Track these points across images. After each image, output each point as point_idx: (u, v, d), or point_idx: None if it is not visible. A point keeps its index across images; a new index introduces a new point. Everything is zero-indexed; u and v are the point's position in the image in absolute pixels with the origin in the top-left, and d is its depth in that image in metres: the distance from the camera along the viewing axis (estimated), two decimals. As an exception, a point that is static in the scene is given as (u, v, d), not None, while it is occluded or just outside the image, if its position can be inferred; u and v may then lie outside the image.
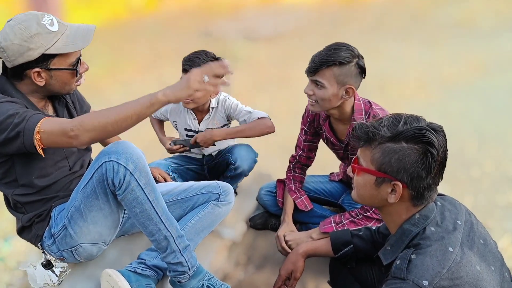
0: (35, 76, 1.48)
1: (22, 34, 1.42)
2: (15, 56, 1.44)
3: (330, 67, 1.74)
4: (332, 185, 2.27)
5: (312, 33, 6.39)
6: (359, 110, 1.86)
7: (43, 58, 1.46)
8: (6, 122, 1.38)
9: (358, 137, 1.24)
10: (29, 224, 1.61)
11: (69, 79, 1.55)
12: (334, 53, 1.74)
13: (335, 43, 1.79)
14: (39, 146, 1.38)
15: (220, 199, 1.84)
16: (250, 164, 2.16)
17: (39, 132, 1.36)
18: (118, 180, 1.40)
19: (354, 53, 1.77)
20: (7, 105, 1.42)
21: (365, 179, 1.24)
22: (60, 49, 1.47)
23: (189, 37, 6.91)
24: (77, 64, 1.54)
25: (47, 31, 1.44)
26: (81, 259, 1.62)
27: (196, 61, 2.03)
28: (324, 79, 1.77)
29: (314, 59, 1.78)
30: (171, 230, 1.51)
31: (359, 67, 1.77)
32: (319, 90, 1.79)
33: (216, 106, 2.20)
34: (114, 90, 5.29)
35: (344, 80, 1.76)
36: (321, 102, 1.81)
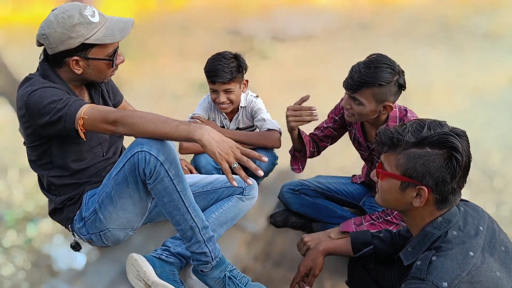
0: (73, 64, 1.54)
1: (64, 23, 1.48)
2: (56, 44, 1.50)
3: (370, 87, 1.71)
4: (354, 187, 2.29)
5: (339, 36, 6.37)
6: (393, 118, 1.86)
7: (82, 47, 1.52)
8: (49, 106, 1.44)
9: (382, 143, 1.26)
10: (61, 207, 1.68)
11: (105, 69, 1.61)
12: (375, 74, 1.69)
13: (376, 58, 1.73)
14: (81, 130, 1.44)
15: (244, 193, 1.88)
16: (269, 166, 2.21)
17: (82, 118, 1.42)
18: (149, 170, 1.45)
19: (395, 71, 1.71)
20: (52, 90, 1.49)
21: (390, 184, 1.26)
22: (99, 39, 1.52)
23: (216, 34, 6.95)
24: (114, 55, 1.59)
25: (88, 21, 1.50)
26: (109, 243, 1.68)
27: (220, 70, 2.06)
28: (363, 98, 1.74)
29: (353, 76, 1.73)
30: (197, 220, 1.55)
31: (399, 84, 1.74)
32: (357, 106, 1.78)
33: (245, 106, 2.26)
34: (141, 83, 5.36)
35: (383, 99, 1.74)
36: (358, 116, 1.81)
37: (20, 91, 1.53)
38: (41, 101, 1.45)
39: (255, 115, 2.27)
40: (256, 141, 2.17)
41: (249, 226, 2.06)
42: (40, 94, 1.47)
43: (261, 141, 2.18)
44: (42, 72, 1.58)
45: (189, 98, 5.07)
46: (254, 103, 2.26)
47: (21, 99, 1.49)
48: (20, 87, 1.54)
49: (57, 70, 1.59)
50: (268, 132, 2.20)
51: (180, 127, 1.39)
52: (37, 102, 1.46)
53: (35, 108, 1.46)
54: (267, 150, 2.23)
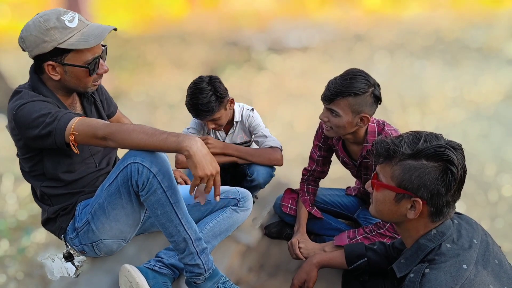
0: (49, 69, 1.52)
1: (40, 27, 1.47)
2: (32, 47, 1.49)
3: (345, 97, 1.74)
4: (349, 199, 2.29)
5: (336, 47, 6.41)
6: (372, 132, 1.88)
7: (56, 52, 1.49)
8: (38, 120, 1.44)
9: (378, 154, 1.27)
10: (54, 216, 1.67)
11: (84, 77, 1.56)
12: (350, 84, 1.73)
13: (351, 71, 1.78)
14: (73, 145, 1.44)
15: (239, 205, 1.88)
16: (266, 178, 2.20)
17: (73, 134, 1.42)
18: (142, 181, 1.45)
19: (370, 82, 1.75)
20: (40, 103, 1.48)
21: (385, 195, 1.26)
22: (72, 44, 1.49)
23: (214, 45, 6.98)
24: (92, 63, 1.55)
25: (64, 26, 1.48)
26: (101, 254, 1.67)
27: (199, 108, 2.03)
28: (339, 109, 1.77)
29: (330, 87, 1.77)
30: (190, 232, 1.55)
31: (375, 96, 1.77)
32: (334, 118, 1.80)
33: (241, 120, 2.25)
34: (137, 93, 5.37)
35: (359, 109, 1.76)
36: (336, 128, 1.83)
37: (10, 104, 1.52)
38: (30, 115, 1.44)
39: (254, 131, 2.26)
40: (259, 158, 2.17)
41: (244, 237, 2.05)
42: (28, 108, 1.46)
43: (265, 159, 2.18)
44: (32, 83, 1.57)
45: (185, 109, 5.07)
46: (252, 118, 2.25)
47: (11, 113, 1.49)
48: (10, 101, 1.54)
49: (43, 78, 1.57)
50: (271, 150, 2.19)
51: (169, 139, 1.39)
52: (26, 116, 1.45)
53: (24, 122, 1.45)
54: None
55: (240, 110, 2.26)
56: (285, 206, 2.19)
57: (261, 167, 2.18)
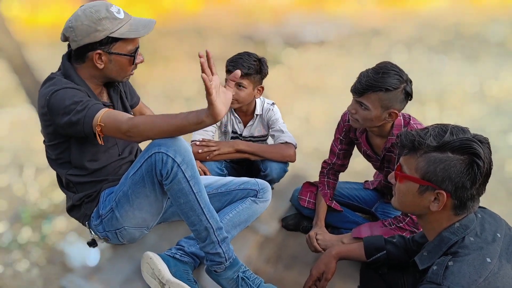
0: (96, 58, 1.58)
1: (91, 16, 1.53)
2: (82, 36, 1.54)
3: (376, 92, 1.73)
4: (366, 192, 2.29)
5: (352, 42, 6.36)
6: (398, 126, 1.87)
7: (106, 41, 1.56)
8: (70, 107, 1.47)
9: (403, 145, 1.27)
10: (78, 203, 1.70)
11: (126, 66, 1.63)
12: (382, 78, 1.72)
13: (385, 65, 1.76)
14: (99, 136, 1.47)
15: (258, 196, 1.89)
16: (280, 173, 2.21)
17: (99, 125, 1.45)
18: (166, 171, 1.47)
19: (403, 78, 1.74)
20: (73, 91, 1.52)
21: (408, 187, 1.26)
22: (124, 34, 1.56)
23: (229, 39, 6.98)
24: (135, 52, 1.63)
25: (114, 17, 1.55)
26: (124, 241, 1.70)
27: (240, 62, 2.09)
28: (369, 103, 1.76)
29: (361, 80, 1.76)
30: (212, 222, 1.56)
31: (406, 92, 1.76)
32: (362, 111, 1.79)
33: (261, 114, 2.26)
34: (154, 85, 5.41)
35: (388, 105, 1.75)
36: (363, 121, 1.83)
37: (42, 90, 1.56)
38: (63, 101, 1.48)
39: (272, 125, 2.26)
40: (272, 154, 2.18)
41: (262, 228, 2.07)
42: (62, 94, 1.50)
43: (277, 155, 2.19)
44: (64, 71, 1.61)
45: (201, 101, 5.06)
46: (271, 112, 2.26)
47: (43, 98, 1.53)
48: (43, 86, 1.57)
49: (78, 67, 1.62)
50: (284, 146, 2.20)
51: (189, 116, 1.41)
52: (59, 102, 1.49)
53: (56, 107, 1.49)
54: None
55: (261, 103, 2.28)
56: (303, 200, 2.20)
57: (274, 163, 2.19)
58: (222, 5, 9.19)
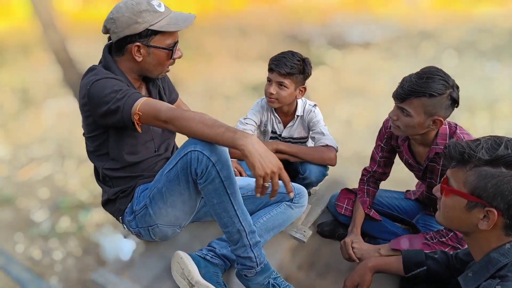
0: (135, 51, 1.58)
1: (133, 8, 1.53)
2: (123, 27, 1.54)
3: (419, 97, 1.64)
4: (408, 203, 2.20)
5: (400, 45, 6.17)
6: (443, 135, 1.77)
7: (146, 33, 1.56)
8: (110, 95, 1.48)
9: (451, 157, 1.19)
10: (113, 198, 1.71)
11: (164, 60, 1.63)
12: (426, 83, 1.63)
13: (429, 69, 1.67)
14: (137, 124, 1.47)
15: (294, 201, 1.85)
16: (319, 176, 2.15)
17: (138, 113, 1.45)
18: (201, 169, 1.45)
19: (448, 83, 1.64)
20: (113, 81, 1.53)
21: (455, 202, 1.18)
22: (163, 27, 1.56)
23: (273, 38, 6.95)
24: (173, 46, 1.62)
25: (154, 9, 1.55)
26: (156, 239, 1.70)
27: (283, 61, 2.05)
28: (411, 109, 1.68)
29: (404, 85, 1.67)
30: (245, 224, 1.53)
31: (452, 98, 1.66)
32: (404, 117, 1.71)
33: (302, 115, 2.21)
34: (195, 82, 5.44)
35: (432, 111, 1.66)
36: (405, 128, 1.74)
37: (83, 80, 1.58)
38: (103, 90, 1.49)
39: (313, 127, 2.21)
40: (312, 157, 2.13)
41: (296, 234, 2.02)
42: (102, 83, 1.51)
43: (318, 158, 2.13)
44: (105, 63, 1.63)
45: (241, 100, 5.08)
46: (313, 114, 2.20)
47: (84, 88, 1.54)
48: (84, 77, 1.59)
49: (118, 60, 1.63)
50: (325, 149, 2.14)
51: (226, 134, 1.37)
52: (99, 91, 1.50)
53: (96, 96, 1.50)
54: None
55: (303, 105, 2.22)
56: (340, 206, 2.13)
57: (313, 166, 2.13)
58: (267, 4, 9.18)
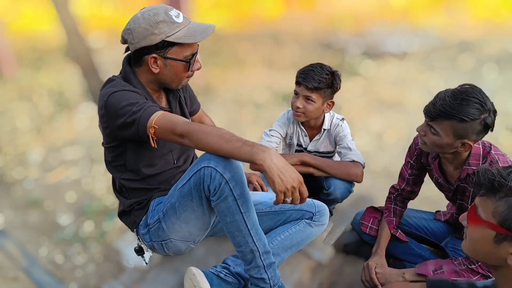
0: (151, 62, 1.55)
1: (149, 19, 1.51)
2: (139, 39, 1.52)
3: (450, 119, 1.55)
4: (437, 224, 2.09)
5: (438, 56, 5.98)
6: (476, 155, 1.67)
7: (162, 45, 1.53)
8: (126, 108, 1.46)
9: (480, 184, 1.10)
10: (129, 210, 1.69)
11: (181, 72, 1.60)
12: (460, 106, 1.53)
13: (466, 90, 1.56)
14: (152, 138, 1.44)
15: (314, 218, 1.78)
16: (344, 193, 2.06)
17: (153, 127, 1.42)
18: (214, 186, 1.41)
19: (484, 108, 1.53)
20: (130, 93, 1.51)
21: (483, 233, 1.09)
22: (180, 38, 1.53)
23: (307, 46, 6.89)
24: (191, 58, 1.59)
25: (172, 20, 1.52)
26: (170, 253, 1.67)
27: (311, 74, 1.98)
28: (440, 129, 1.59)
29: (436, 103, 1.58)
30: (259, 244, 1.49)
31: (485, 124, 1.55)
32: (432, 135, 1.62)
33: (328, 128, 2.14)
34: (227, 89, 5.46)
35: (462, 135, 1.57)
36: (431, 145, 1.65)
37: (102, 91, 1.57)
38: (119, 103, 1.47)
39: (339, 141, 2.14)
40: (338, 171, 2.04)
41: (315, 253, 1.95)
42: (119, 95, 1.49)
43: (343, 173, 2.04)
44: (124, 75, 1.62)
45: (271, 109, 5.06)
46: (340, 128, 2.13)
47: (102, 99, 1.53)
48: (103, 88, 1.58)
49: (137, 71, 1.61)
50: (352, 164, 2.06)
51: (243, 149, 1.33)
52: (116, 103, 1.48)
53: (113, 108, 1.49)
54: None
55: (330, 118, 2.15)
56: (365, 225, 2.04)
57: (339, 181, 2.05)
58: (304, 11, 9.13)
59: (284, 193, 1.30)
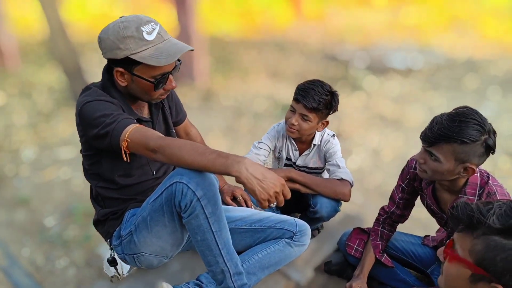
0: (117, 75, 1.50)
1: (118, 33, 1.44)
2: (106, 50, 1.48)
3: (450, 143, 1.49)
4: (424, 250, 2.03)
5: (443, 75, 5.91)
6: (473, 184, 1.61)
7: (126, 61, 1.47)
8: (100, 119, 1.42)
9: (458, 219, 1.05)
10: (103, 219, 1.66)
11: (149, 90, 1.53)
12: (459, 128, 1.47)
13: (463, 112, 1.51)
14: (125, 152, 1.40)
15: (295, 238, 1.73)
16: (330, 212, 2.01)
17: (126, 141, 1.38)
18: (185, 203, 1.37)
19: (484, 129, 1.48)
20: (105, 104, 1.47)
21: (459, 270, 1.04)
22: (144, 58, 1.45)
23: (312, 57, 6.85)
24: (161, 78, 1.51)
25: (141, 37, 1.44)
26: (142, 266, 1.63)
27: (311, 94, 1.93)
28: (440, 154, 1.53)
29: (433, 128, 1.52)
30: (230, 265, 1.44)
31: (487, 145, 1.50)
32: (432, 162, 1.56)
33: (319, 144, 2.11)
34: (227, 97, 5.43)
35: (464, 159, 1.50)
36: (432, 173, 1.59)
37: (78, 99, 1.54)
38: (93, 113, 1.44)
39: (329, 158, 2.10)
40: (324, 189, 2.00)
41: (294, 274, 1.89)
42: (93, 105, 1.45)
43: (330, 191, 2.00)
44: (103, 83, 1.58)
45: (269, 119, 5.02)
46: (330, 144, 2.10)
47: (77, 108, 1.50)
48: (79, 96, 1.55)
49: (114, 79, 1.56)
50: (339, 182, 2.02)
51: (217, 161, 1.29)
52: (90, 113, 1.44)
53: (87, 118, 1.45)
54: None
55: (321, 134, 2.12)
56: (351, 247, 1.99)
57: (325, 199, 2.00)
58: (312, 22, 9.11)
59: (268, 200, 1.28)
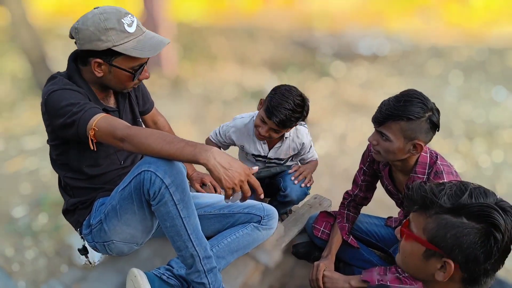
0: (95, 66, 1.50)
1: (99, 24, 1.44)
2: (85, 41, 1.46)
3: (397, 121, 1.59)
4: (387, 230, 2.12)
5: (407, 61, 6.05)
6: (422, 163, 1.71)
7: (108, 52, 1.47)
8: (66, 108, 1.42)
9: (412, 200, 1.12)
10: (72, 209, 1.66)
11: (126, 80, 1.55)
12: (404, 107, 1.58)
13: (407, 92, 1.63)
14: (92, 140, 1.40)
15: (262, 222, 1.78)
16: (300, 196, 2.09)
17: (93, 129, 1.38)
18: (153, 191, 1.39)
19: (427, 107, 1.59)
20: (71, 92, 1.46)
21: (413, 247, 1.11)
22: (127, 50, 1.46)
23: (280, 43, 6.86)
24: (138, 69, 1.54)
25: (122, 29, 1.45)
26: (113, 254, 1.64)
27: (283, 113, 1.87)
28: (390, 133, 1.62)
29: (381, 109, 1.63)
30: (199, 249, 1.48)
31: (431, 122, 1.60)
32: (384, 142, 1.65)
33: (291, 137, 2.13)
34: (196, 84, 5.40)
35: (412, 136, 1.60)
36: (385, 153, 1.68)
37: (44, 88, 1.52)
38: (59, 102, 1.43)
39: (302, 151, 2.16)
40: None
41: (262, 257, 1.95)
42: (59, 94, 1.45)
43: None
44: (68, 72, 1.56)
45: (238, 106, 5.04)
46: (305, 137, 2.14)
47: (43, 97, 1.49)
48: (45, 85, 1.54)
49: (82, 69, 1.56)
50: (315, 163, 2.19)
51: (186, 149, 1.32)
52: (56, 102, 1.44)
53: (52, 108, 1.44)
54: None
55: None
56: (317, 229, 2.07)
57: (295, 184, 2.07)
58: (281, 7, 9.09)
59: (233, 188, 1.32)
